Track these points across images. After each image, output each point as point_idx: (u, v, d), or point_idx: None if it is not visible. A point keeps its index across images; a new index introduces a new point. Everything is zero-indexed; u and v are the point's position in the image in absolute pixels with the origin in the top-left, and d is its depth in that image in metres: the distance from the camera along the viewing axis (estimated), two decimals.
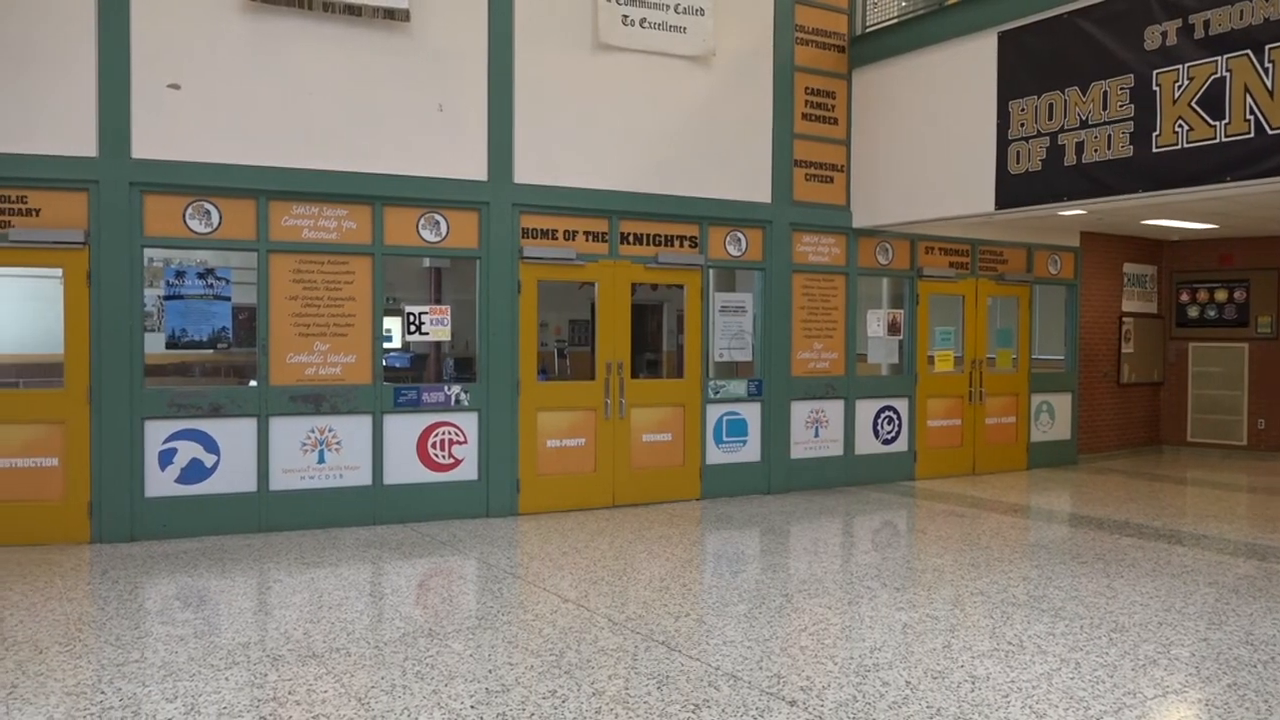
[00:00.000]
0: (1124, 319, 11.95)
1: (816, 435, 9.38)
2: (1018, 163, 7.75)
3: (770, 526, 7.69)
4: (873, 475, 9.69)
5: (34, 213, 6.66)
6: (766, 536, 7.39)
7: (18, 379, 9.75)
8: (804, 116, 9.16)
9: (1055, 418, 11.18)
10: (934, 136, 8.57)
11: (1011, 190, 7.84)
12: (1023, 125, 7.70)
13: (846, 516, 8.20)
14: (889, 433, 9.87)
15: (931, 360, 10.16)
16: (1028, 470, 10.78)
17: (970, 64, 8.14)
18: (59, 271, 6.83)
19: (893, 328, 9.92)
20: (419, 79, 7.54)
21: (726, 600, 5.47)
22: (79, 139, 6.67)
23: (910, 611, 5.22)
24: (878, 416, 9.79)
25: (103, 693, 3.97)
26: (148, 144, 6.81)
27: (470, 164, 7.74)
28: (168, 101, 6.85)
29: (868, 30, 9.26)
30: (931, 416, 10.14)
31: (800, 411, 9.28)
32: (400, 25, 7.40)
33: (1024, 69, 7.72)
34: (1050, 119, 7.50)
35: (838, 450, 9.52)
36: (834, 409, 9.50)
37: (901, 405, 9.95)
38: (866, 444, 9.71)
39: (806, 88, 9.17)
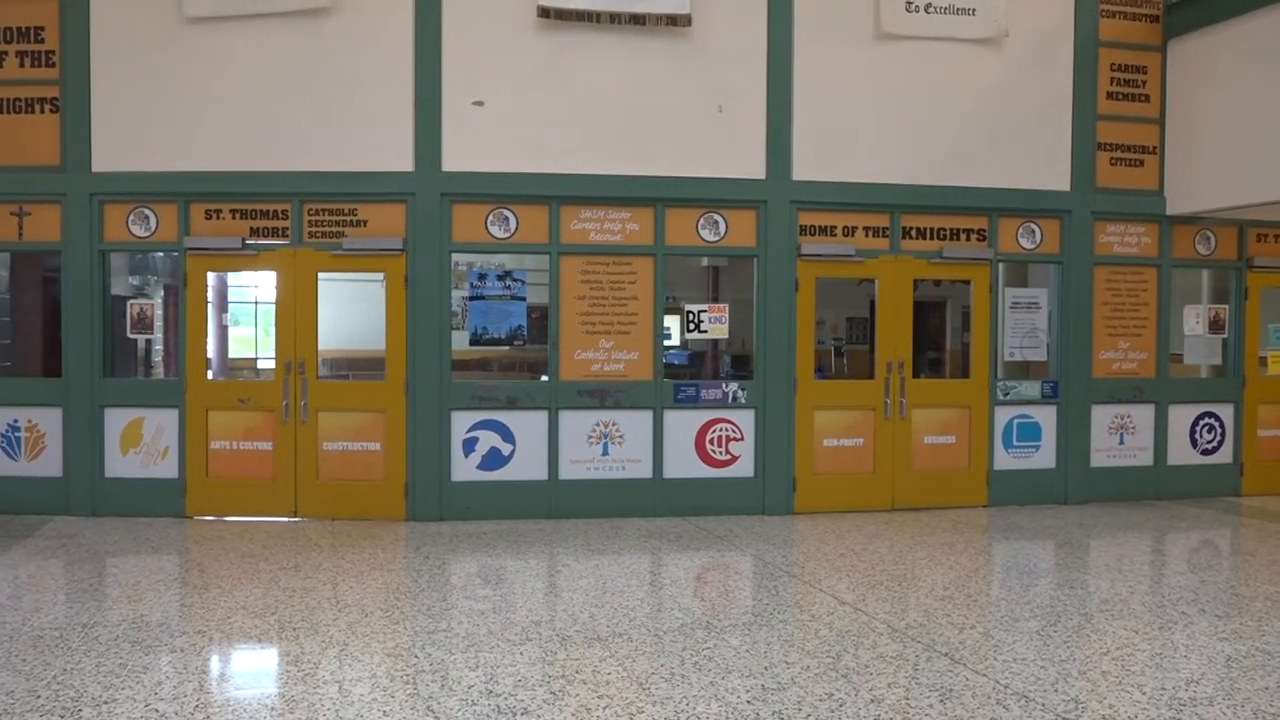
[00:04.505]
0: None
1: (1121, 442, 8.60)
2: None
3: (1066, 539, 7.14)
4: (1188, 488, 8.73)
5: (362, 223, 7.49)
6: (1062, 549, 6.87)
7: (348, 372, 11.03)
8: (1109, 95, 8.42)
9: None
10: (1269, 109, 7.57)
11: None
12: None
13: (1156, 532, 7.45)
14: (1209, 442, 8.85)
15: (1264, 362, 8.98)
16: None
17: None
18: (381, 275, 7.65)
19: (1215, 325, 8.88)
20: (699, 81, 7.69)
21: (1016, 615, 5.14)
22: (398, 155, 7.42)
23: (1236, 643, 4.65)
24: (1195, 423, 8.81)
25: (416, 657, 4.38)
26: (455, 157, 7.44)
27: (749, 163, 7.79)
28: (472, 117, 7.45)
29: None
30: (1263, 425, 8.97)
31: (1102, 416, 8.54)
32: (681, 30, 7.58)
33: None
34: None
35: (1146, 459, 8.66)
36: (1142, 414, 8.65)
37: (1225, 412, 8.88)
38: (1181, 454, 8.76)
39: (1112, 63, 8.42)
